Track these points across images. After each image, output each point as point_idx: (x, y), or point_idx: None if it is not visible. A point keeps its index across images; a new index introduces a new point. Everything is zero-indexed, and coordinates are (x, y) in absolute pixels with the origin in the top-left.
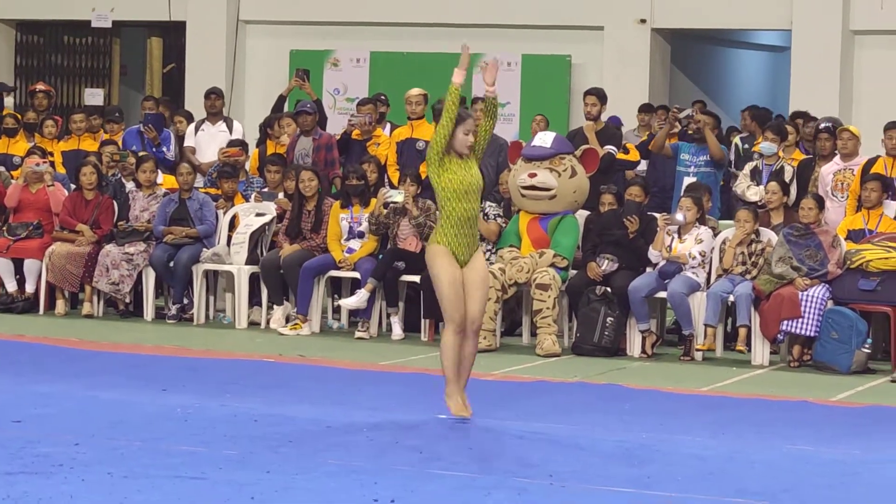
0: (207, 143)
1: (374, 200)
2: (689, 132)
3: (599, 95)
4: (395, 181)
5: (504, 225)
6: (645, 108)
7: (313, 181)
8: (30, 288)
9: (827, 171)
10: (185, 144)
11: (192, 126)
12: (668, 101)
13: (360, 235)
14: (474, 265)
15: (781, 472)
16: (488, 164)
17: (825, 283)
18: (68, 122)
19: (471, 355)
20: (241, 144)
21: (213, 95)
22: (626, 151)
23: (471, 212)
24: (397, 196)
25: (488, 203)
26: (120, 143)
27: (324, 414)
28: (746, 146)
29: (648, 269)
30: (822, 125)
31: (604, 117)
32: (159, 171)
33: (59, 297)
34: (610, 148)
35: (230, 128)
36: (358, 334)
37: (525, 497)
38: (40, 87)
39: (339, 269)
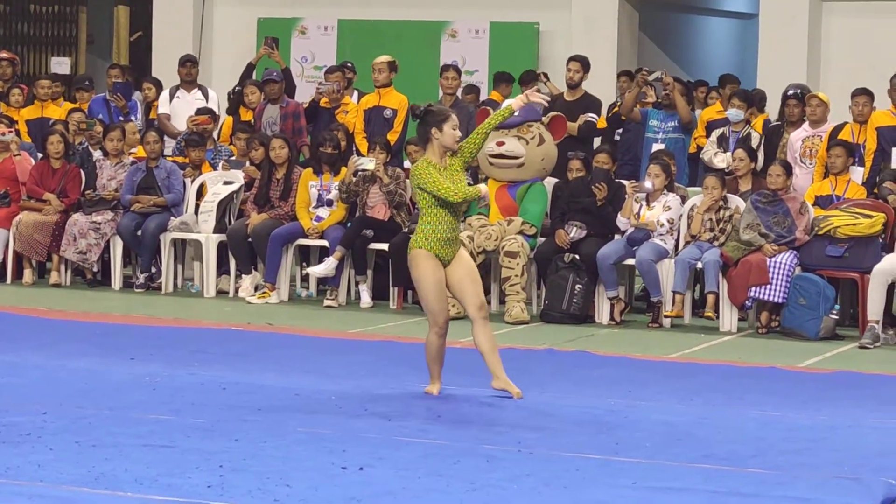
0: (182, 110)
1: (344, 169)
2: (659, 100)
3: (583, 63)
4: (362, 149)
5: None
6: (626, 74)
7: (284, 149)
8: None
9: (795, 138)
10: (160, 112)
11: (167, 93)
12: (635, 65)
13: (329, 203)
14: (459, 261)
15: (749, 437)
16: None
17: (793, 249)
18: (33, 90)
19: (490, 340)
20: (210, 112)
21: (189, 63)
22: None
23: (457, 216)
24: (367, 163)
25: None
26: (85, 112)
27: (292, 382)
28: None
29: (617, 237)
30: (791, 91)
31: (585, 86)
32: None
33: (26, 267)
34: (590, 116)
35: (206, 96)
36: (326, 302)
37: (493, 464)
38: (5, 55)
39: (307, 237)
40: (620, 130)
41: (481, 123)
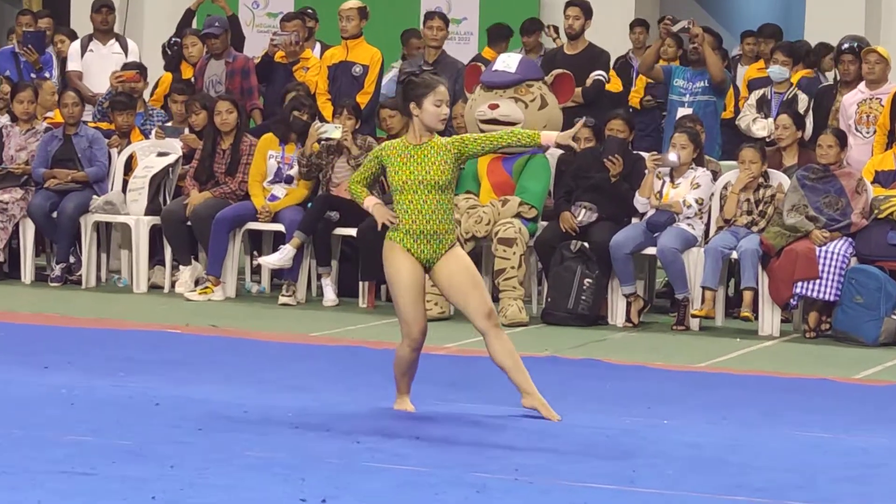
0: (98, 66)
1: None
2: (688, 55)
3: (584, 7)
4: (326, 114)
5: (462, 167)
6: (639, 24)
7: (232, 114)
8: None
9: (850, 101)
10: (70, 69)
11: (77, 45)
12: (657, 17)
13: (289, 181)
14: (453, 260)
15: (793, 463)
16: None
17: (847, 236)
18: None
19: (511, 353)
20: (139, 67)
21: (105, 9)
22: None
23: (438, 203)
24: (333, 131)
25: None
26: None
27: (241, 396)
28: None
29: (634, 220)
30: (846, 45)
31: (589, 36)
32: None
33: None
34: (598, 74)
35: (124, 48)
36: (282, 300)
37: (485, 495)
38: None
39: (259, 219)
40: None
41: (493, 133)
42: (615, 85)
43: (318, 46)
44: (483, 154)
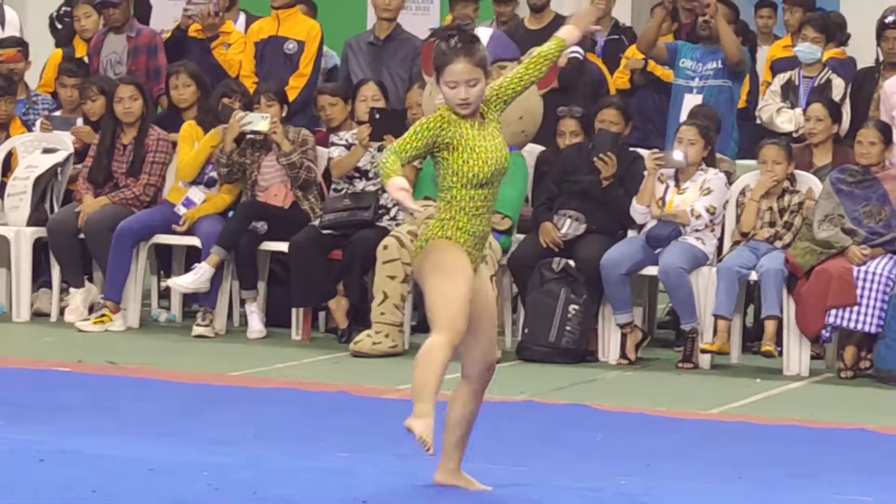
0: None
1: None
2: (698, 27)
3: None
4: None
5: (419, 167)
6: None
7: (136, 101)
8: None
9: (893, 89)
10: None
11: None
12: None
13: (210, 184)
14: (483, 280)
15: None
16: (396, 77)
17: (892, 253)
18: None
19: (474, 414)
20: (19, 44)
21: None
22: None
23: (495, 197)
24: (259, 122)
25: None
26: None
27: (145, 450)
28: None
29: (631, 233)
30: (890, 18)
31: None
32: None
33: None
34: (575, 51)
35: (1, 20)
36: (196, 330)
37: None
38: None
39: (168, 231)
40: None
41: (520, 67)
42: (622, 81)
43: (241, 18)
44: (519, 93)
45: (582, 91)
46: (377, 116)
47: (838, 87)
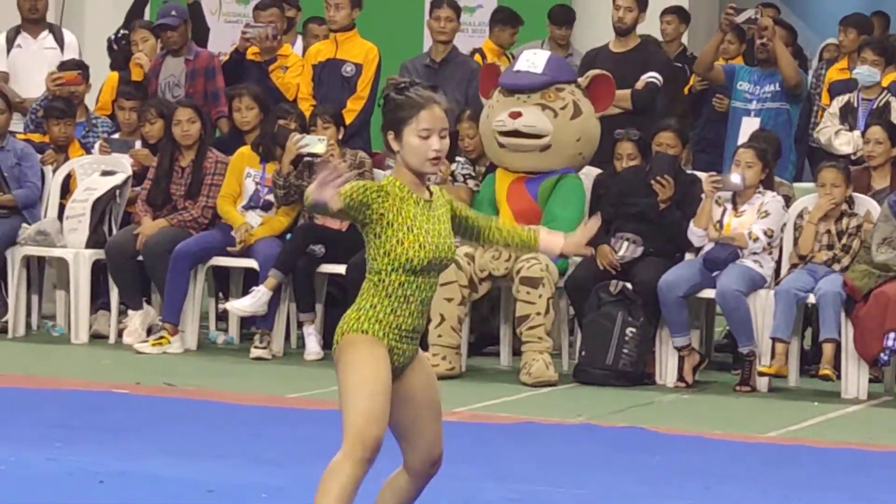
0: (28, 64)
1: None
2: (756, 49)
3: None
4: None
5: (476, 189)
6: (673, 13)
7: (194, 123)
8: None
9: None
10: None
11: (2, 39)
12: (718, 8)
13: (267, 207)
14: (424, 375)
15: None
16: (452, 99)
17: None
18: None
19: (414, 499)
20: (80, 67)
21: None
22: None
23: (431, 289)
24: (316, 144)
25: (458, 158)
26: None
27: (204, 471)
28: None
29: (688, 256)
30: None
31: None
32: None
33: None
34: (652, 76)
35: (60, 42)
36: (254, 352)
37: None
38: None
39: (227, 253)
40: None
41: (475, 214)
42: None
43: (299, 41)
44: (466, 237)
45: (655, 114)
46: None
47: None
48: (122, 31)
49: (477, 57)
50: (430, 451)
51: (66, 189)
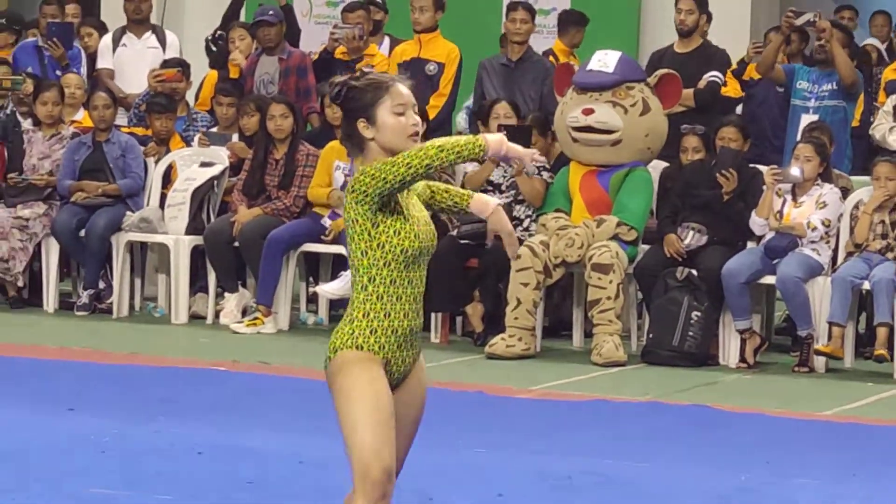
0: (132, 63)
1: None
2: (814, 53)
3: (699, 0)
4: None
5: (550, 181)
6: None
7: (287, 118)
8: None
9: None
10: (100, 66)
11: (108, 39)
12: (778, 11)
13: None
14: (411, 384)
15: None
16: (528, 96)
17: None
18: None
19: None
20: (181, 65)
21: None
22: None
23: (421, 283)
24: None
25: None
26: (10, 64)
27: (296, 444)
28: None
29: (750, 244)
30: None
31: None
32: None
33: None
34: (714, 75)
35: (162, 42)
36: None
37: None
38: None
39: (318, 239)
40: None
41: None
42: (733, 89)
43: (386, 41)
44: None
45: (717, 112)
46: (505, 133)
47: None
48: (219, 32)
49: (550, 58)
50: (396, 465)
51: (168, 179)
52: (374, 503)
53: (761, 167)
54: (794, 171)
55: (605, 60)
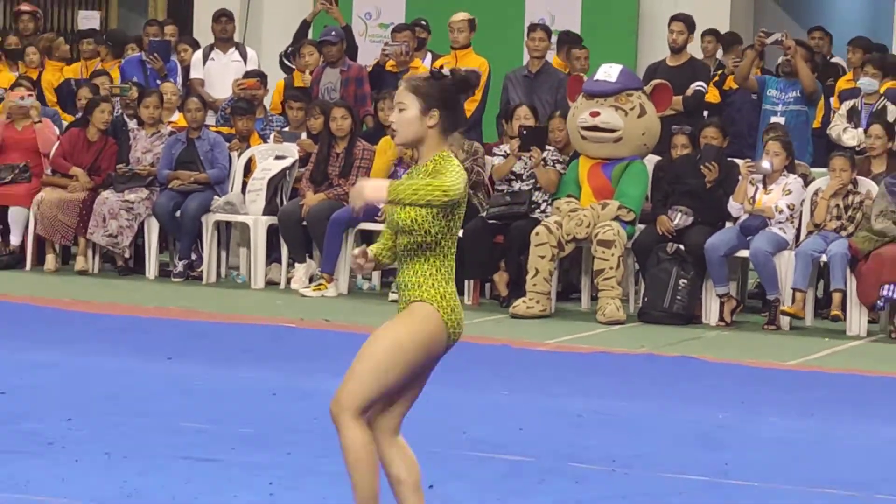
0: (219, 74)
1: None
2: (781, 67)
3: (687, 22)
4: None
5: (563, 172)
6: (712, 34)
7: (347, 119)
8: (15, 240)
9: None
10: (193, 76)
11: (199, 54)
12: (752, 31)
13: None
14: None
15: (881, 459)
16: (545, 102)
17: None
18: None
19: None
20: (259, 76)
21: (224, 18)
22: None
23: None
24: None
25: (548, 147)
26: (118, 74)
27: None
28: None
29: (728, 224)
30: None
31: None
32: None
33: (48, 252)
34: (699, 85)
35: (244, 56)
36: (392, 296)
37: (583, 485)
38: (25, 7)
39: (373, 219)
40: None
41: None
42: (713, 96)
43: (428, 56)
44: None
45: (701, 115)
46: (524, 133)
47: (892, 111)
48: (290, 48)
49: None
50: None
51: (248, 170)
52: (364, 422)
53: (738, 161)
54: (765, 164)
55: (608, 72)
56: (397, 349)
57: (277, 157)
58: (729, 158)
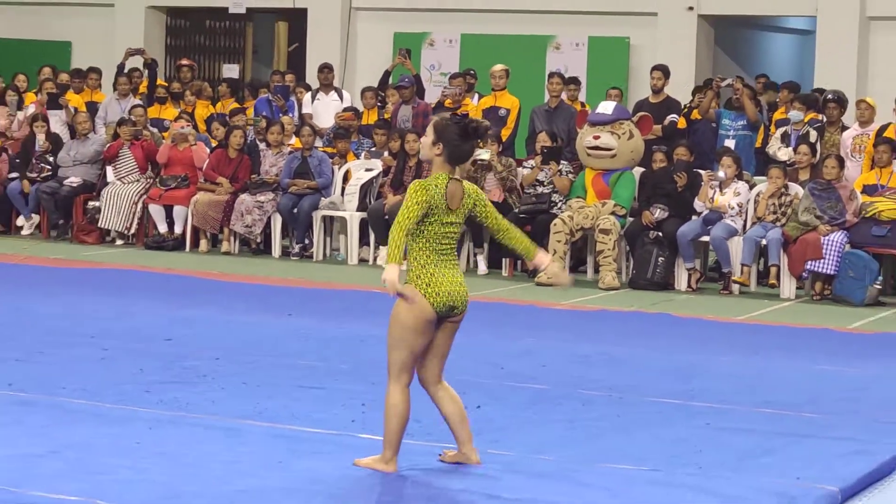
0: (322, 109)
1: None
2: (732, 102)
3: (664, 71)
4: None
5: (573, 179)
6: (699, 90)
7: (416, 142)
8: (178, 229)
9: (847, 136)
10: (304, 111)
11: (309, 95)
12: (711, 74)
13: None
14: None
15: (805, 387)
16: (561, 130)
17: (844, 229)
18: (201, 91)
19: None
20: (354, 110)
21: (326, 69)
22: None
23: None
24: (484, 154)
25: (562, 161)
26: (252, 111)
27: None
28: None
29: (694, 217)
30: (830, 96)
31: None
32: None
33: (202, 238)
34: (672, 116)
35: (341, 97)
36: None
37: (589, 406)
38: (185, 62)
39: None
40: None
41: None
42: (683, 124)
43: (476, 96)
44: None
45: (675, 138)
46: (545, 151)
47: (814, 136)
48: (380, 93)
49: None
50: None
51: (346, 178)
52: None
53: (701, 171)
54: (721, 173)
55: (606, 107)
56: (396, 324)
57: (367, 170)
58: (695, 170)
